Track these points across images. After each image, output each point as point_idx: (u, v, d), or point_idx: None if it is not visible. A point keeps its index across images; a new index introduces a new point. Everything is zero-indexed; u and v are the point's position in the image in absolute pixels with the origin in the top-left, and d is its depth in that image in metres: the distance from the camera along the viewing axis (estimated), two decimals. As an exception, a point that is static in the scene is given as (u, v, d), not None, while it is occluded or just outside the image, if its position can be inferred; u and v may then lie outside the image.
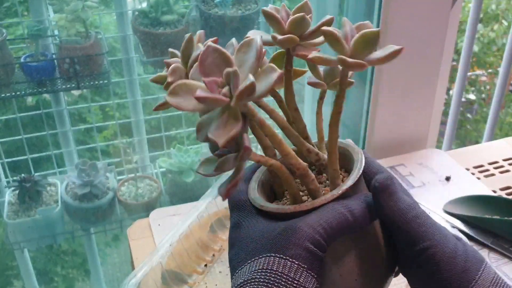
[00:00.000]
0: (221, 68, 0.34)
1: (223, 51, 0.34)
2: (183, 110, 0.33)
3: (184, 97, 0.33)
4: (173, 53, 0.41)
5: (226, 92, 0.33)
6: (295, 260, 0.35)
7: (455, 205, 0.83)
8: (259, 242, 0.38)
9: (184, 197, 1.31)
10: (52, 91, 1.15)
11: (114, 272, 2.86)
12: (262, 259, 0.36)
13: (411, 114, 1.02)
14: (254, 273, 0.36)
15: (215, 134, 0.33)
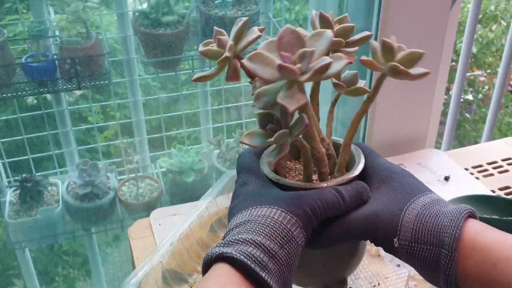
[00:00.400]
0: (294, 47, 0.39)
1: (300, 34, 0.40)
2: (258, 75, 0.39)
3: (259, 65, 0.39)
4: (219, 31, 0.46)
5: (300, 67, 0.38)
6: (294, 216, 0.42)
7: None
8: (265, 197, 0.44)
9: (185, 197, 1.31)
10: (53, 92, 1.15)
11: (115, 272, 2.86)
12: (265, 208, 0.43)
13: (410, 114, 1.02)
14: (255, 217, 0.42)
15: (286, 101, 0.38)
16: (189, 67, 1.22)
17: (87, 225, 1.31)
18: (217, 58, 0.45)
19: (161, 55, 1.14)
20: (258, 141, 0.43)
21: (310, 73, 0.38)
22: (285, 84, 0.39)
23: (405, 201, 0.46)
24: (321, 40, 0.40)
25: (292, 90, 0.39)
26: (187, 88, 2.64)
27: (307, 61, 0.38)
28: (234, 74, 0.45)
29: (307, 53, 0.38)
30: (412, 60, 0.44)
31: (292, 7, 2.84)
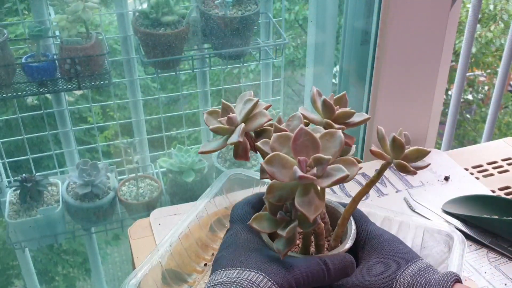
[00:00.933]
0: (309, 149, 0.43)
1: (313, 136, 0.43)
2: (276, 179, 0.42)
3: (277, 168, 0.42)
4: (227, 106, 0.50)
5: (316, 173, 0.42)
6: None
7: (454, 204, 0.84)
8: (254, 259, 0.46)
9: (185, 197, 1.31)
10: (53, 92, 1.15)
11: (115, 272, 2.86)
12: (252, 273, 0.44)
13: (410, 114, 1.02)
14: (241, 280, 0.43)
15: (305, 209, 0.41)
16: (189, 67, 1.22)
17: (87, 225, 1.31)
18: (227, 134, 0.48)
19: (161, 55, 1.14)
20: (267, 227, 0.45)
21: (330, 182, 0.42)
22: (301, 185, 0.42)
23: (396, 272, 0.49)
24: (334, 142, 0.44)
25: (310, 195, 0.42)
26: (187, 88, 2.65)
27: (324, 167, 0.42)
28: (244, 154, 0.48)
29: (324, 160, 0.42)
30: (418, 157, 0.48)
31: (292, 7, 2.84)
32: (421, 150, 0.48)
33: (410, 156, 0.48)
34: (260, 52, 1.23)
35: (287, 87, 2.91)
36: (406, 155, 0.48)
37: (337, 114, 0.50)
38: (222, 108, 0.50)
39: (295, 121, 0.48)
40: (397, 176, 0.93)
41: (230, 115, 0.48)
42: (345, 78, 1.16)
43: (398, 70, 0.97)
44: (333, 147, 0.43)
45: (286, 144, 0.44)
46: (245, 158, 0.48)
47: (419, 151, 0.48)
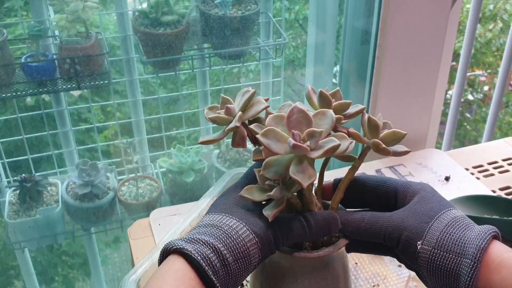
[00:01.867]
0: (302, 125, 0.45)
1: (306, 113, 0.45)
2: (272, 150, 0.44)
3: (272, 140, 0.44)
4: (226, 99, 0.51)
5: (309, 145, 0.44)
6: (256, 237, 0.46)
7: (455, 205, 0.83)
8: (240, 209, 0.48)
9: (184, 197, 1.31)
10: (53, 91, 1.15)
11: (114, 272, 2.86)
12: (234, 220, 0.47)
13: (410, 114, 1.02)
14: (223, 224, 0.46)
15: (300, 177, 0.44)
16: (188, 67, 1.22)
17: (87, 225, 1.30)
18: (225, 124, 0.50)
19: (161, 55, 1.14)
20: (258, 195, 0.48)
21: (321, 152, 0.44)
22: (295, 157, 0.45)
23: (437, 211, 0.48)
24: (326, 120, 0.46)
25: (303, 165, 0.44)
26: (186, 88, 2.65)
27: (316, 139, 0.44)
28: (241, 141, 0.50)
29: (316, 132, 0.44)
30: (394, 139, 0.50)
31: (292, 7, 2.84)
32: (397, 132, 0.49)
33: (386, 138, 0.49)
34: (260, 52, 1.23)
35: (287, 87, 2.90)
36: (382, 137, 0.50)
37: (334, 106, 0.51)
38: (222, 102, 0.52)
39: (286, 108, 0.50)
40: (397, 176, 0.93)
41: (228, 105, 0.50)
42: (345, 78, 1.15)
43: (398, 70, 0.97)
44: (325, 124, 0.46)
45: (280, 123, 0.46)
46: (242, 145, 0.50)
47: (394, 133, 0.49)
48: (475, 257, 0.43)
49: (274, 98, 1.41)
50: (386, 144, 0.49)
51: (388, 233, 0.48)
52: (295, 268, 0.51)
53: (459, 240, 0.45)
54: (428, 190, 0.51)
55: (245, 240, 0.45)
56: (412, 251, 0.47)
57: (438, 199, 0.49)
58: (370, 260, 0.73)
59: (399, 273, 0.71)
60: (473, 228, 0.46)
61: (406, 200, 0.51)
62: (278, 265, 0.51)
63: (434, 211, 0.48)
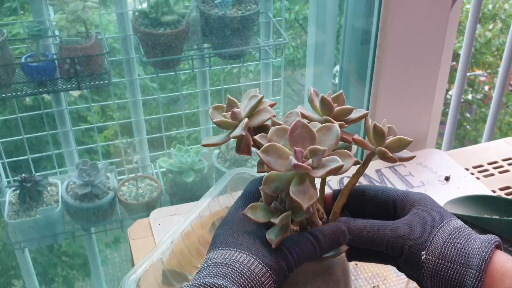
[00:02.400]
0: (305, 141, 0.43)
1: (310, 128, 0.44)
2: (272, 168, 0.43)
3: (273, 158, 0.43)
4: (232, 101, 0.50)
5: (311, 163, 0.42)
6: (269, 270, 0.44)
7: (455, 205, 0.84)
8: (246, 239, 0.46)
9: (184, 197, 1.31)
10: (53, 91, 1.15)
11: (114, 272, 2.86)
12: (244, 255, 0.45)
13: (410, 114, 1.02)
14: (233, 262, 0.44)
15: (300, 197, 0.42)
16: (188, 67, 1.22)
17: (87, 225, 1.30)
18: (230, 128, 0.49)
19: (161, 55, 1.14)
20: (261, 216, 0.46)
21: (323, 172, 0.42)
22: (296, 176, 0.43)
23: (439, 221, 0.48)
24: (330, 136, 0.44)
25: (305, 185, 0.43)
26: (186, 88, 2.65)
27: (319, 158, 0.43)
28: (246, 148, 0.49)
29: (319, 151, 0.43)
30: (400, 146, 0.49)
31: (292, 7, 2.84)
32: (403, 139, 0.49)
33: (391, 145, 0.49)
34: (260, 52, 1.23)
35: (287, 87, 2.90)
36: (387, 144, 0.49)
37: (336, 112, 0.50)
38: (228, 104, 0.50)
39: (293, 117, 0.49)
40: (397, 176, 0.93)
41: (234, 110, 0.49)
42: (345, 78, 1.15)
43: (398, 70, 0.97)
44: (330, 140, 0.44)
45: (283, 136, 0.44)
46: (247, 153, 0.49)
47: (400, 140, 0.49)
48: (480, 268, 0.43)
49: (274, 98, 1.41)
50: (392, 151, 0.49)
51: (390, 242, 0.48)
52: (296, 273, 0.51)
53: (463, 250, 0.45)
54: (427, 200, 0.51)
55: (258, 275, 0.44)
56: (416, 261, 0.47)
57: (439, 209, 0.50)
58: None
59: (399, 274, 0.71)
60: (476, 238, 0.46)
61: (405, 209, 0.51)
62: None
63: (436, 221, 0.48)
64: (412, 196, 0.51)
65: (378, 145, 0.49)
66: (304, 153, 0.43)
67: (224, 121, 0.49)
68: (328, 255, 0.50)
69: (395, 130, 0.50)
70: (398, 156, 0.49)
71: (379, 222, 0.50)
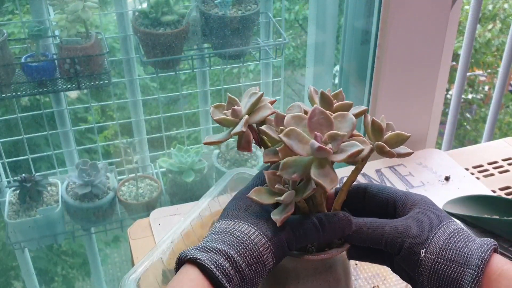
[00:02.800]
0: (323, 127, 0.44)
1: (328, 115, 0.45)
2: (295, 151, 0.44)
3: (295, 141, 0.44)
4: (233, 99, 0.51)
5: (332, 148, 0.43)
6: (269, 241, 0.46)
7: (455, 205, 0.84)
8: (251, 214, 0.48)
9: (184, 197, 1.31)
10: (53, 91, 1.15)
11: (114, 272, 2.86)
12: (246, 225, 0.47)
13: (410, 114, 1.02)
14: (235, 231, 0.46)
15: (322, 180, 0.43)
16: (188, 67, 1.22)
17: (87, 225, 1.30)
18: (231, 126, 0.49)
19: (161, 55, 1.14)
20: (266, 198, 0.47)
21: (345, 156, 0.43)
22: (316, 160, 0.44)
23: (440, 221, 0.48)
24: (346, 123, 0.45)
25: (326, 169, 0.43)
26: (186, 88, 2.65)
27: (338, 143, 0.44)
28: (246, 145, 0.50)
29: (339, 136, 0.44)
30: (398, 141, 0.50)
31: (292, 7, 2.84)
32: (401, 134, 0.49)
33: (389, 140, 0.49)
34: (260, 52, 1.23)
35: (287, 87, 2.90)
36: (385, 139, 0.49)
37: (336, 107, 0.50)
38: (228, 102, 0.51)
39: (295, 109, 0.50)
40: (397, 176, 0.93)
41: (235, 107, 0.49)
42: (345, 78, 1.15)
43: (398, 70, 0.97)
44: (346, 127, 0.45)
45: (301, 123, 0.45)
46: (247, 149, 0.50)
47: (398, 135, 0.49)
48: (478, 268, 0.44)
49: (274, 98, 1.41)
50: (390, 147, 0.49)
51: (390, 239, 0.48)
52: (298, 270, 0.51)
53: (462, 251, 0.46)
54: (428, 201, 0.52)
55: (257, 245, 0.45)
56: (415, 259, 0.47)
57: (439, 211, 0.50)
58: (370, 260, 0.73)
59: (399, 273, 0.71)
60: (474, 240, 0.47)
61: (405, 209, 0.51)
62: (280, 266, 0.51)
63: (436, 221, 0.48)
64: (413, 196, 0.52)
65: (377, 140, 0.50)
66: (324, 138, 0.44)
67: (225, 118, 0.50)
68: (331, 252, 0.50)
69: (393, 127, 0.51)
70: (396, 152, 0.50)
71: (379, 219, 0.50)
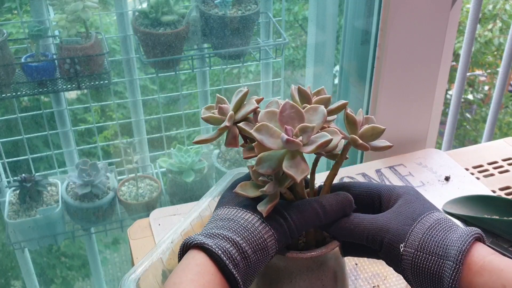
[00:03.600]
0: (294, 120, 0.45)
1: (298, 108, 0.46)
2: (265, 145, 0.45)
3: (265, 136, 0.45)
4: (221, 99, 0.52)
5: (302, 140, 0.44)
6: (272, 229, 0.47)
7: (455, 205, 0.84)
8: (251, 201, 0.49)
9: (184, 197, 1.31)
10: (53, 91, 1.15)
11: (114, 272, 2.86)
12: (249, 213, 0.48)
13: (410, 114, 1.02)
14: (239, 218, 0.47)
15: (293, 171, 0.44)
16: (188, 67, 1.22)
17: (87, 225, 1.30)
18: (218, 124, 0.50)
19: (161, 55, 1.14)
20: (251, 191, 0.48)
21: (314, 147, 0.44)
22: (288, 152, 0.45)
23: (420, 213, 0.48)
24: (317, 115, 0.46)
25: (296, 160, 0.45)
26: (186, 88, 2.64)
27: (308, 135, 0.45)
28: (233, 140, 0.51)
29: (309, 128, 0.45)
30: (373, 134, 0.50)
31: (292, 7, 2.84)
32: (376, 127, 0.50)
33: (365, 133, 0.50)
34: (260, 52, 1.23)
35: (287, 87, 2.90)
36: (361, 133, 0.50)
37: (315, 101, 0.51)
38: (217, 101, 0.52)
39: (273, 105, 0.51)
40: (397, 176, 0.93)
41: (221, 105, 0.51)
42: (345, 78, 1.15)
43: (398, 70, 0.97)
44: (317, 119, 0.46)
45: (273, 119, 0.47)
46: (234, 145, 0.51)
47: (373, 128, 0.50)
48: (457, 259, 0.42)
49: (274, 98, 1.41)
50: (365, 140, 0.50)
51: (371, 235, 0.48)
52: (290, 269, 0.51)
53: (441, 242, 0.45)
54: (411, 193, 0.51)
55: (262, 232, 0.46)
56: (395, 253, 0.47)
57: (421, 202, 0.49)
58: (370, 261, 0.73)
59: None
60: (456, 230, 0.45)
61: (390, 203, 0.51)
62: (273, 265, 0.51)
63: (416, 214, 0.48)
64: (397, 190, 0.52)
65: (352, 133, 0.50)
66: (295, 131, 0.45)
67: (212, 116, 0.51)
68: (320, 250, 0.50)
69: (373, 120, 0.51)
70: (373, 145, 0.50)
71: (361, 215, 0.50)
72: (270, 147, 0.45)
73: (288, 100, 0.47)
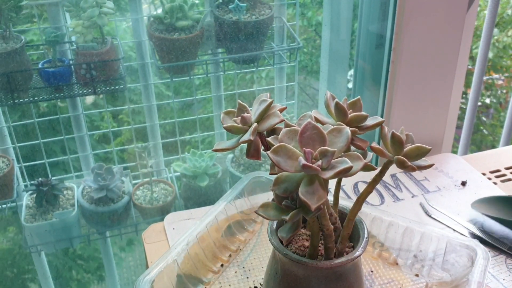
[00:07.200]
0: (315, 142, 0.43)
1: (320, 130, 0.44)
2: (282, 168, 0.43)
3: (283, 158, 0.43)
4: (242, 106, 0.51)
5: (321, 164, 0.42)
6: None
7: (476, 206, 0.82)
8: None
9: (199, 201, 1.31)
10: (69, 96, 1.16)
11: (129, 276, 2.87)
12: None
13: (426, 119, 1.01)
14: None
15: (308, 198, 0.42)
16: (203, 72, 1.23)
17: (102, 229, 1.31)
18: (240, 133, 0.49)
19: (176, 60, 1.14)
20: (273, 215, 0.46)
21: (332, 173, 0.42)
22: (306, 176, 0.43)
23: None
24: (340, 137, 0.44)
25: (314, 186, 0.42)
26: (201, 93, 2.66)
27: (329, 159, 0.42)
28: (255, 153, 0.49)
29: (329, 152, 0.43)
30: (418, 154, 0.48)
31: (306, 12, 2.84)
32: (421, 147, 0.48)
33: (410, 153, 0.49)
34: (274, 57, 1.23)
35: (301, 91, 2.90)
36: (406, 153, 0.49)
37: (350, 118, 0.50)
38: (238, 108, 0.51)
39: (306, 119, 0.49)
40: (413, 181, 0.92)
41: (244, 115, 0.49)
42: (360, 82, 1.15)
43: (413, 74, 0.96)
44: (340, 142, 0.44)
45: (294, 138, 0.45)
46: (256, 157, 0.49)
47: (419, 148, 0.48)
48: None
49: (288, 102, 1.41)
50: (410, 160, 0.48)
51: None
52: (309, 278, 0.51)
53: None
54: None
55: None
56: None
57: None
58: (386, 268, 0.73)
59: (416, 282, 0.70)
60: None
61: None
62: (291, 273, 0.51)
63: None
64: None
65: (396, 154, 0.49)
66: (314, 155, 0.43)
67: (234, 126, 0.50)
68: (340, 261, 0.50)
69: (413, 138, 0.50)
70: (417, 165, 0.49)
71: None
72: (287, 170, 0.43)
73: (310, 121, 0.45)
